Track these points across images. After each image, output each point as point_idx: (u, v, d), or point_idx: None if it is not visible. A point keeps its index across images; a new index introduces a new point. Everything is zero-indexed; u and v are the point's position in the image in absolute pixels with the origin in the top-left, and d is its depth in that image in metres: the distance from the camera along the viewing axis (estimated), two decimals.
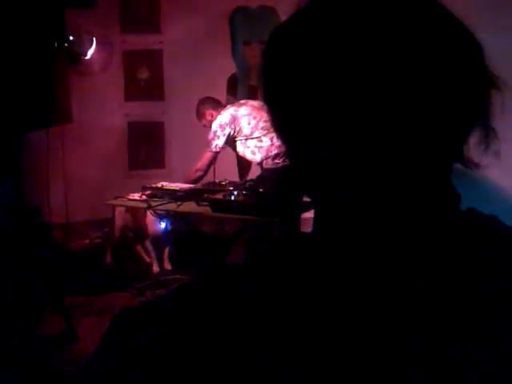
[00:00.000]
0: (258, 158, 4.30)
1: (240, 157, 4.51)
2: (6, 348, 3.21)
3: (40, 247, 3.76)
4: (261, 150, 4.26)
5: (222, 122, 4.31)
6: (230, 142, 4.37)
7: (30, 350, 3.39)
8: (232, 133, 4.29)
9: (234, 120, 4.29)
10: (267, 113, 0.60)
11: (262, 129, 4.24)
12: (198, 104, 4.57)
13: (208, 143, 4.34)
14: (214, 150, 4.31)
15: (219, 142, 4.30)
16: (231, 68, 5.69)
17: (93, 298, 4.19)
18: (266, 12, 5.51)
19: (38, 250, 3.71)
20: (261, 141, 4.25)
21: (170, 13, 5.56)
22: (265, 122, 4.24)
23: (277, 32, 0.59)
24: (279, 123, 0.60)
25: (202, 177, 4.35)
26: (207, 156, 4.34)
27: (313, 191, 0.60)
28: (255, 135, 4.25)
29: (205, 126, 4.50)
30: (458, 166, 0.59)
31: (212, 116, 4.42)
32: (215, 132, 4.31)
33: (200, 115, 4.54)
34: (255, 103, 4.48)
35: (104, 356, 0.60)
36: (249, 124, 4.27)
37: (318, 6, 0.57)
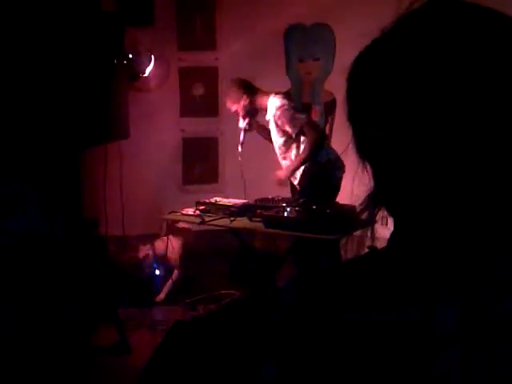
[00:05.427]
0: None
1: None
2: (60, 359, 3.28)
3: (96, 259, 3.83)
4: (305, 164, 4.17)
5: (285, 102, 4.04)
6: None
7: (82, 360, 3.45)
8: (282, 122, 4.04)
9: (290, 113, 4.04)
10: (352, 135, 0.61)
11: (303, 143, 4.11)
12: (232, 85, 4.26)
13: (290, 121, 4.00)
14: (307, 118, 4.05)
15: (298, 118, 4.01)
16: (285, 85, 5.71)
17: (145, 311, 4.25)
18: (321, 30, 5.52)
19: (94, 262, 3.78)
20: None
21: (225, 30, 5.64)
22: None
23: (361, 58, 0.61)
24: (363, 146, 0.61)
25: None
26: (309, 130, 4.00)
27: (398, 210, 0.60)
28: (293, 147, 4.14)
29: (235, 110, 4.22)
30: None
31: (247, 101, 4.17)
32: (285, 111, 4.00)
33: (234, 98, 4.21)
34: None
35: (156, 369, 0.60)
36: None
37: (402, 33, 0.58)
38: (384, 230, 0.66)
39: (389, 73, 0.56)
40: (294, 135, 4.04)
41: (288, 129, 4.03)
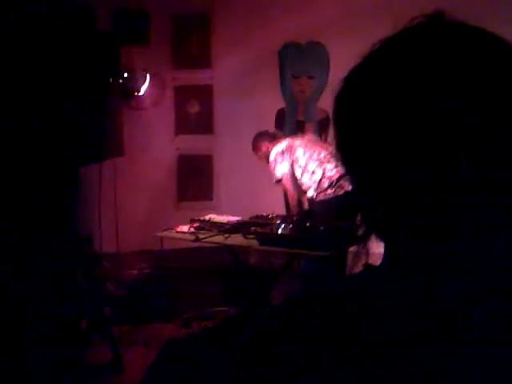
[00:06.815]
0: (310, 193, 4.31)
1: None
2: (53, 377, 3.25)
3: (89, 276, 3.82)
4: (314, 184, 4.27)
5: (279, 150, 4.35)
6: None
7: (76, 378, 3.42)
8: (290, 161, 4.31)
9: (290, 148, 4.34)
10: (338, 155, 0.63)
11: (316, 160, 4.28)
12: (254, 137, 4.63)
13: (273, 176, 4.38)
14: (281, 177, 4.33)
15: (283, 168, 4.31)
16: (280, 102, 5.75)
17: (139, 328, 4.23)
18: (315, 48, 5.57)
19: (88, 278, 3.76)
20: (314, 173, 4.26)
21: (220, 49, 5.68)
22: (318, 154, 4.30)
23: (349, 78, 0.61)
24: (351, 165, 0.62)
25: (299, 200, 4.37)
26: (285, 185, 4.36)
27: (385, 229, 0.61)
28: (310, 167, 4.28)
29: (259, 158, 4.57)
30: None
31: (267, 148, 4.47)
32: (275, 160, 4.35)
33: (256, 147, 4.59)
34: (310, 137, 4.62)
35: None
36: (304, 154, 4.31)
37: (388, 53, 0.58)
38: (378, 245, 0.67)
39: (379, 92, 0.57)
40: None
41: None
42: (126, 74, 3.91)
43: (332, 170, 4.22)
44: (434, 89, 0.54)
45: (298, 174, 4.35)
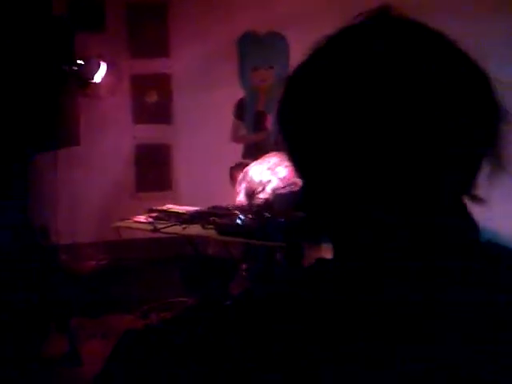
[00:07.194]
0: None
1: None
2: (10, 370, 3.20)
3: (46, 268, 3.75)
4: (273, 190, 4.29)
5: (238, 180, 4.43)
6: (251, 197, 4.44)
7: (33, 372, 3.37)
8: (248, 185, 4.34)
9: (245, 174, 4.38)
10: (288, 157, 0.62)
11: (268, 169, 4.30)
12: (230, 168, 4.70)
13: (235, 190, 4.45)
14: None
15: (240, 197, 4.38)
16: (239, 93, 5.73)
17: (98, 320, 4.18)
18: (275, 38, 5.56)
19: (44, 271, 3.70)
20: (270, 181, 4.27)
21: (178, 37, 5.62)
22: (268, 162, 4.34)
23: (293, 78, 0.60)
24: (297, 164, 0.61)
25: None
26: None
27: (333, 229, 0.61)
28: (265, 178, 4.29)
29: (236, 188, 4.60)
30: None
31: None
32: (236, 190, 4.43)
33: (232, 178, 4.65)
34: (265, 156, 4.62)
35: (106, 380, 0.60)
36: (257, 170, 4.34)
37: (331, 52, 0.58)
38: None
39: (321, 93, 0.56)
40: None
41: None
42: (80, 62, 3.83)
43: (283, 172, 4.23)
44: (375, 88, 0.53)
45: (260, 189, 4.36)
